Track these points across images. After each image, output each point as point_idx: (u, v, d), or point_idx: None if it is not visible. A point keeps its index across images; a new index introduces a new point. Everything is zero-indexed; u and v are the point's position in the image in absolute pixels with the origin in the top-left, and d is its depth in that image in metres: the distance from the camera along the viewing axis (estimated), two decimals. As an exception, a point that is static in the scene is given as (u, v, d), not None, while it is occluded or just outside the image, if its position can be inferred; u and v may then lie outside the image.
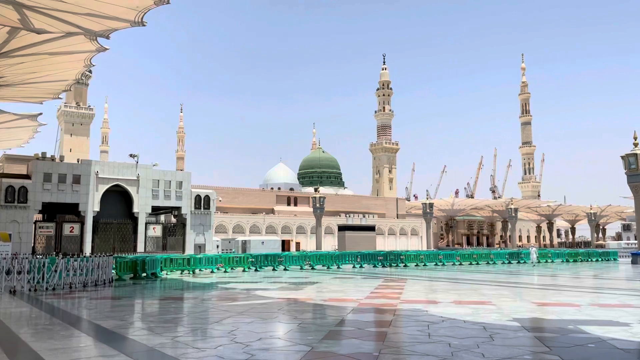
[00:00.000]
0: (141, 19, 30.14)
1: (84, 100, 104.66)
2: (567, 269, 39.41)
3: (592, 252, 54.83)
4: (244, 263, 36.73)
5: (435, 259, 44.04)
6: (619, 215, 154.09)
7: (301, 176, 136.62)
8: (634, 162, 46.91)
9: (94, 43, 34.52)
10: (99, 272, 25.78)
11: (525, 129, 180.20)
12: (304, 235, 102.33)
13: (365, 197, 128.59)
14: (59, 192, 39.62)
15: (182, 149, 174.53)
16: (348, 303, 16.64)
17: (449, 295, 19.39)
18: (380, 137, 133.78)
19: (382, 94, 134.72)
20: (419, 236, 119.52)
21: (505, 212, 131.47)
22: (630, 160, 47.32)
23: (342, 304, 16.57)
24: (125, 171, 42.53)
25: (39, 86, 43.89)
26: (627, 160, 47.49)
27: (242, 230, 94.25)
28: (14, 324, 13.02)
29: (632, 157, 47.28)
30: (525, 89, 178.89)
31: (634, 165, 46.99)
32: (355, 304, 16.40)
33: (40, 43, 34.02)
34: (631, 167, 47.33)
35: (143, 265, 30.17)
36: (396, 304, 16.33)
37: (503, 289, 22.24)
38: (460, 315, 13.52)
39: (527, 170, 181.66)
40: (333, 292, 20.55)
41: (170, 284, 27.15)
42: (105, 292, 21.94)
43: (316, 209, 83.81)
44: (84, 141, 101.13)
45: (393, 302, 16.70)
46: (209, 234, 45.24)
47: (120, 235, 42.11)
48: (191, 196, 44.69)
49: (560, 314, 13.88)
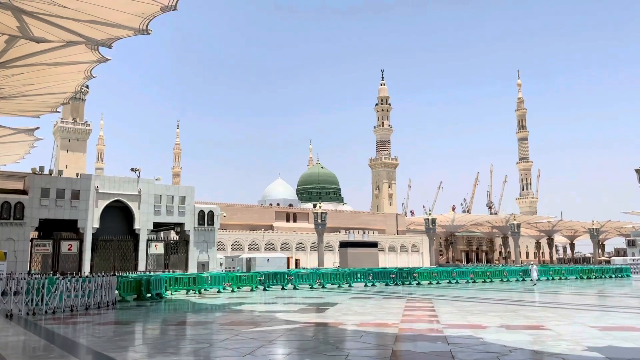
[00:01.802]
0: (146, 27, 28.75)
1: (81, 115, 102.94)
2: (587, 287, 37.85)
3: (605, 269, 53.35)
4: (252, 282, 34.93)
5: (448, 277, 42.38)
6: (618, 230, 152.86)
7: (300, 192, 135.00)
8: (650, 176, 45.58)
9: (95, 53, 33.05)
10: (102, 293, 23.97)
11: (522, 144, 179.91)
12: (303, 252, 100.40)
13: (364, 212, 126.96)
14: (57, 208, 37.81)
15: (178, 165, 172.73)
16: (386, 329, 14.97)
17: (489, 317, 17.74)
18: (379, 153, 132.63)
19: (381, 109, 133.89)
20: (419, 252, 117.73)
21: (505, 227, 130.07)
22: (645, 173, 45.99)
23: (380, 329, 14.91)
24: (126, 186, 40.78)
25: (37, 99, 42.29)
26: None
27: (241, 247, 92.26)
28: (12, 357, 11.30)
29: (647, 170, 45.98)
30: (521, 105, 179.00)
31: (649, 179, 45.65)
32: (394, 329, 14.74)
33: (39, 53, 32.55)
34: (646, 181, 46.00)
35: (148, 285, 28.34)
36: (440, 329, 14.69)
37: (542, 309, 20.64)
38: (523, 344, 11.93)
39: (525, 185, 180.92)
40: (361, 315, 18.86)
41: (179, 306, 25.36)
42: (111, 316, 20.15)
43: (317, 224, 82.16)
44: (81, 157, 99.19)
45: (435, 327, 15.06)
46: (212, 252, 43.41)
47: (121, 253, 40.21)
48: (194, 212, 42.92)
49: (636, 340, 12.33)
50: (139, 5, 26.64)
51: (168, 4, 26.33)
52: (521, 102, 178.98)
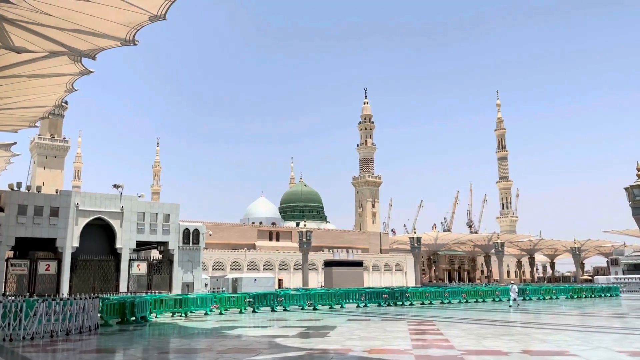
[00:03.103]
0: (133, 37, 27.60)
1: (59, 132, 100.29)
2: (584, 306, 37.21)
3: (594, 288, 53.00)
4: (241, 304, 33.40)
5: (440, 297, 41.37)
6: (598, 249, 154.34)
7: (283, 210, 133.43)
8: (639, 194, 45.58)
9: (77, 65, 31.72)
10: (84, 316, 22.34)
11: (501, 163, 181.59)
12: (286, 271, 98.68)
13: (348, 231, 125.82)
14: (34, 225, 35.89)
15: (157, 183, 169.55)
16: (400, 356, 13.83)
17: (504, 342, 16.69)
18: (362, 171, 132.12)
19: (365, 127, 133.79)
20: (403, 272, 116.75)
21: (487, 246, 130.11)
22: (635, 192, 45.92)
23: (394, 357, 13.76)
24: (107, 203, 39.05)
25: (15, 112, 40.57)
26: (632, 192, 46.08)
27: (223, 267, 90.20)
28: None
29: (636, 188, 45.91)
30: (501, 125, 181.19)
31: (639, 197, 45.64)
32: (410, 357, 13.61)
33: (19, 64, 31.09)
34: (636, 199, 45.93)
35: (132, 307, 26.69)
36: (459, 356, 13.60)
37: (555, 332, 19.69)
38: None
39: (505, 205, 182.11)
40: (367, 340, 17.66)
41: (167, 330, 23.82)
42: (95, 343, 18.62)
43: (303, 243, 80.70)
44: (58, 174, 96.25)
45: (453, 354, 13.96)
46: (197, 272, 41.72)
47: (101, 274, 38.28)
48: (179, 230, 41.31)
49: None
50: (126, 14, 25.51)
51: (157, 14, 25.25)
52: (500, 122, 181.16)
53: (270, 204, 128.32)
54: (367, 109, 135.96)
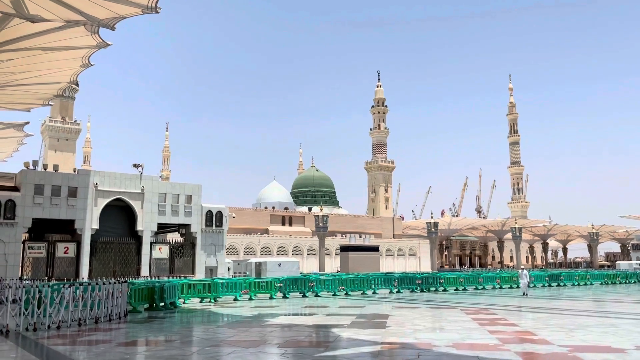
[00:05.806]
0: (155, 4, 25.37)
1: (70, 114, 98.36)
2: (634, 292, 35.26)
3: (629, 274, 51.06)
4: (272, 289, 31.60)
5: (474, 282, 39.53)
6: (612, 235, 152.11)
7: (295, 195, 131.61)
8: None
9: (95, 37, 29.58)
10: (112, 302, 20.57)
11: (513, 148, 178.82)
12: (300, 256, 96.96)
13: (361, 216, 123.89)
14: (52, 206, 34.03)
15: (167, 168, 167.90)
16: (499, 353, 11.88)
17: (599, 335, 14.72)
18: (375, 155, 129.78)
19: (377, 111, 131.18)
20: (416, 257, 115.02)
21: (500, 232, 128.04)
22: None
23: (491, 354, 11.80)
24: (128, 183, 37.13)
25: (29, 89, 38.54)
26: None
27: (236, 252, 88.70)
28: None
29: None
30: (513, 109, 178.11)
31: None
32: (510, 354, 11.67)
33: (33, 35, 29.02)
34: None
35: (161, 293, 24.94)
36: (569, 353, 11.67)
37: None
38: None
39: (516, 190, 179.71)
40: (434, 332, 15.78)
41: (202, 318, 22.02)
42: (129, 333, 16.78)
43: (319, 228, 79.04)
44: (70, 157, 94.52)
45: (561, 352, 12.03)
46: (221, 256, 39.90)
47: (122, 257, 36.49)
48: (202, 212, 39.40)
49: None
50: (148, -23, 23.38)
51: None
52: (513, 106, 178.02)
53: (282, 188, 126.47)
54: (380, 92, 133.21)
